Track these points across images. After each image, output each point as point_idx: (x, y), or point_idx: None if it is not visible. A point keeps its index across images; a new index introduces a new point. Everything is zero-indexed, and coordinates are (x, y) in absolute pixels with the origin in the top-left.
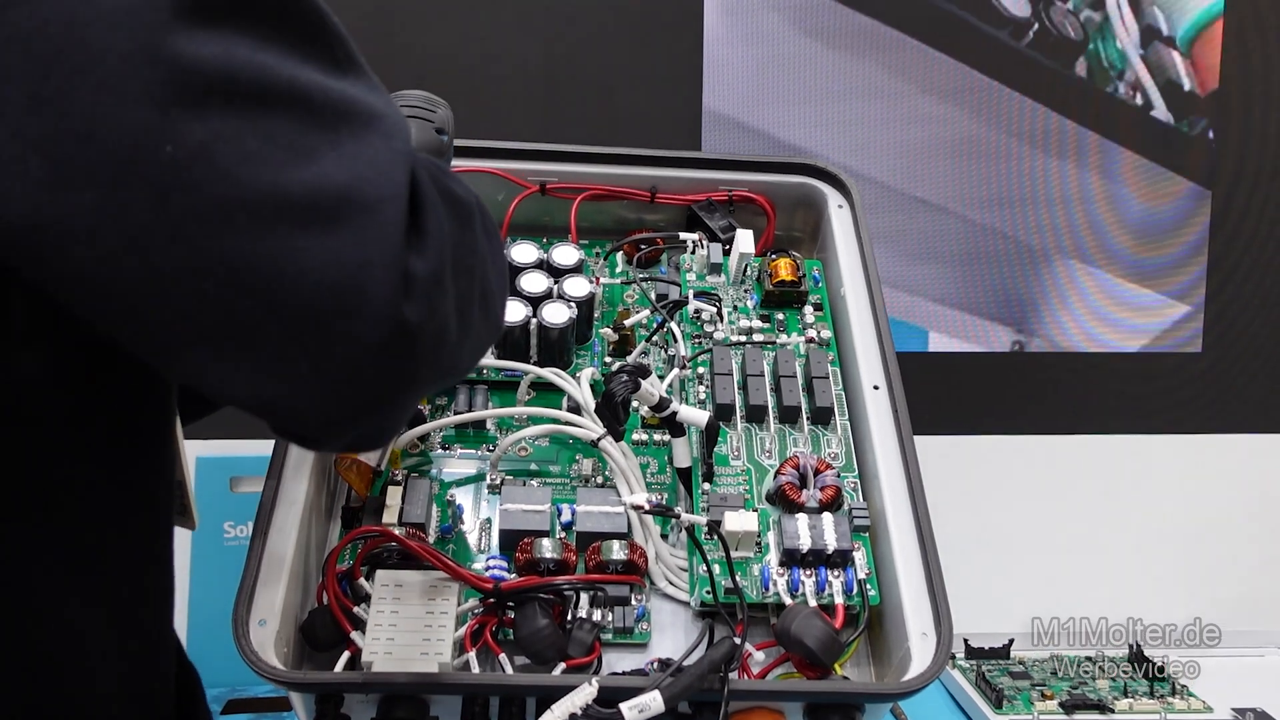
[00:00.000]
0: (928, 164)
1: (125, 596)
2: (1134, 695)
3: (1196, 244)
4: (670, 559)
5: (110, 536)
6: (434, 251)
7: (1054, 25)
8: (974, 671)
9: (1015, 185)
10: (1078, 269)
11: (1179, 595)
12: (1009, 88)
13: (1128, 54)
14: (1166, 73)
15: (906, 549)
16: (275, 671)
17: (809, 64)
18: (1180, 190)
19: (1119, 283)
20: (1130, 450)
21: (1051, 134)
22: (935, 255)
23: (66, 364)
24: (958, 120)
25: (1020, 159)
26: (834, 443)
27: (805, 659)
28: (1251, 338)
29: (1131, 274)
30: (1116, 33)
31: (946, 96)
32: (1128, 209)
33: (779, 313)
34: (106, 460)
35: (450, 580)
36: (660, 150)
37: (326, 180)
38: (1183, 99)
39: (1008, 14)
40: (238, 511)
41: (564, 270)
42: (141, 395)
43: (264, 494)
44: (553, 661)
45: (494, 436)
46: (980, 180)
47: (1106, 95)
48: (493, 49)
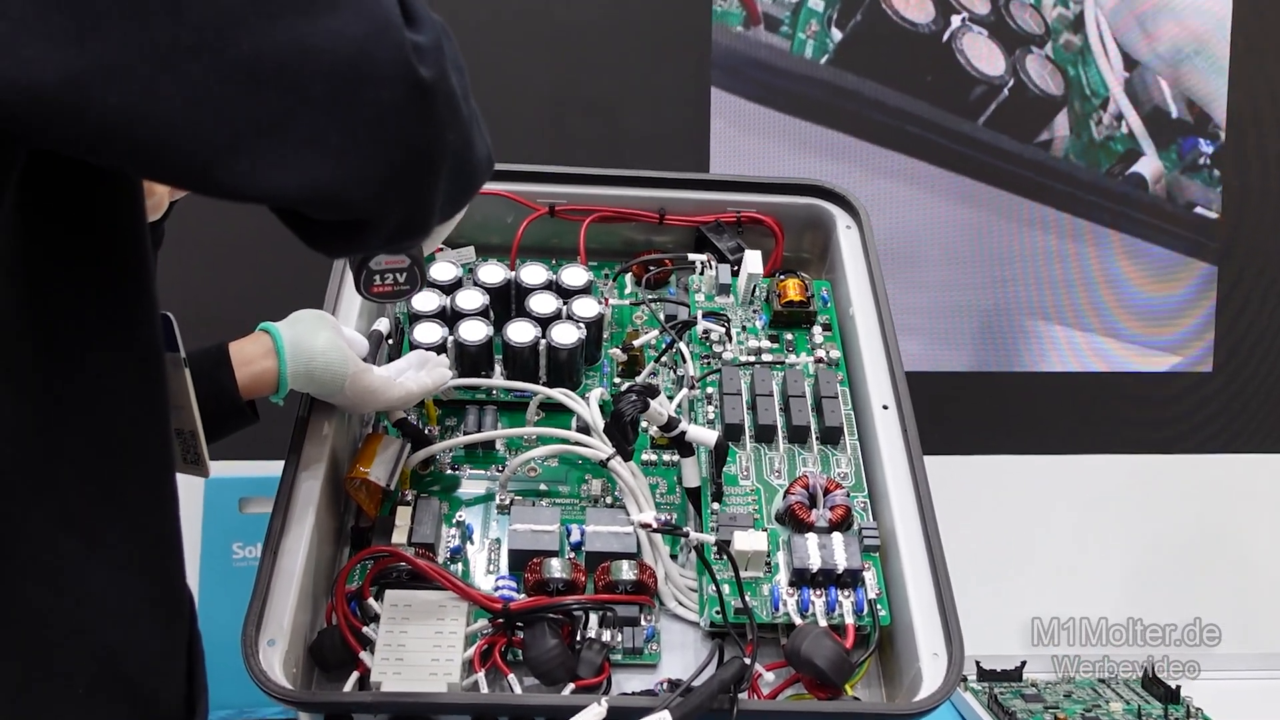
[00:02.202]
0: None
1: (126, 532)
2: (1148, 718)
3: (1205, 278)
4: (680, 579)
5: (112, 477)
6: (428, 29)
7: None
8: (986, 694)
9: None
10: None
11: (1191, 611)
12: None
13: (1109, 81)
14: (1152, 98)
15: (917, 568)
16: (284, 691)
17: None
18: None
19: (1131, 293)
20: (1140, 470)
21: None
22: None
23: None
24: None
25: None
26: (843, 462)
27: (816, 679)
28: (1262, 358)
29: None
30: (1098, 61)
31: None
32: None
33: (788, 333)
34: (96, 389)
35: (459, 600)
36: (668, 172)
37: None
38: (1170, 124)
39: (981, 75)
40: (246, 532)
41: (573, 291)
42: (123, 312)
43: (273, 514)
44: (562, 682)
45: (503, 457)
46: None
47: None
48: (501, 72)
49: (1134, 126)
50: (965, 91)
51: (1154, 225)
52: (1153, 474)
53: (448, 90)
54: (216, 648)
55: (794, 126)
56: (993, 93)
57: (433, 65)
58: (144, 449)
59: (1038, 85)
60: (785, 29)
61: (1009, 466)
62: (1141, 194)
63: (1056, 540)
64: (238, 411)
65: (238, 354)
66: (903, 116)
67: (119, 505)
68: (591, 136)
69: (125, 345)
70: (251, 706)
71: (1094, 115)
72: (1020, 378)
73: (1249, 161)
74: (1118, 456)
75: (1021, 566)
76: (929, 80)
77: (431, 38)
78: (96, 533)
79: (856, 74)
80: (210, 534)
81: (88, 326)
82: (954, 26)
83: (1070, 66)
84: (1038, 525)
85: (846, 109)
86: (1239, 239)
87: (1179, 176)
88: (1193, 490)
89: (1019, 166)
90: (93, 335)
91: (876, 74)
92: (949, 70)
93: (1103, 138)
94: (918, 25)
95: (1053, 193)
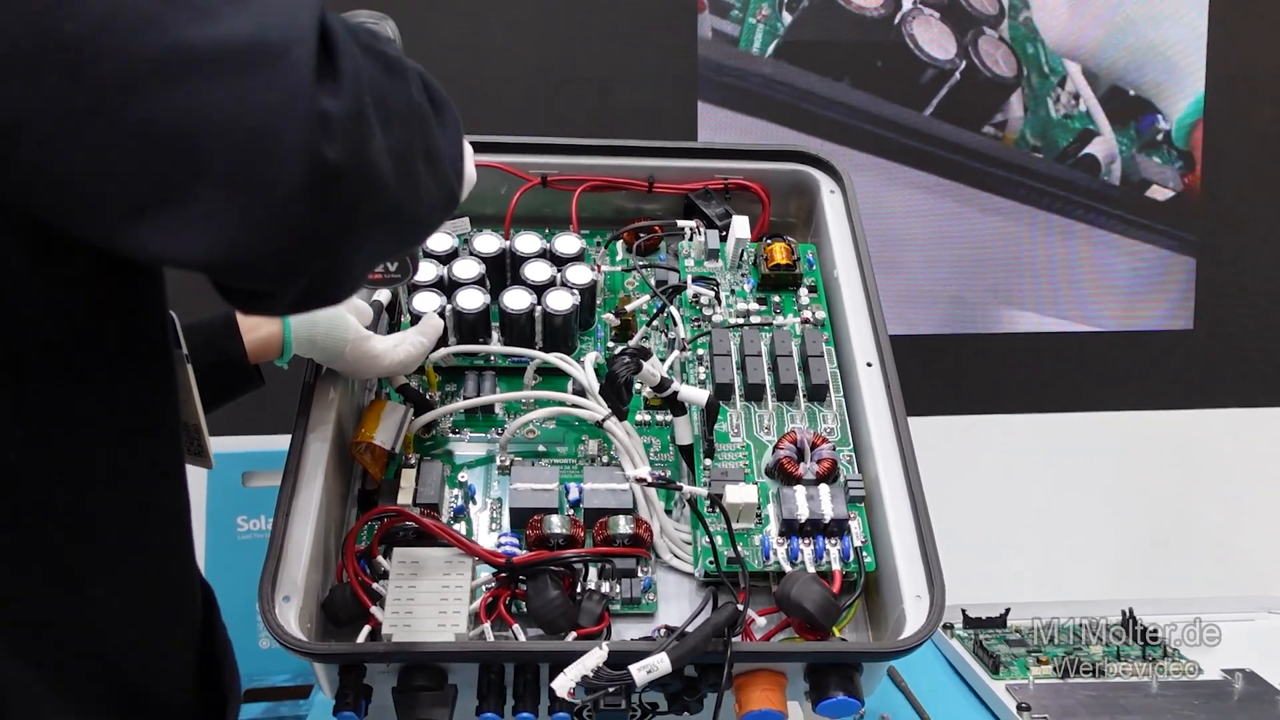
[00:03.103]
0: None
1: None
2: (1127, 659)
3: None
4: (674, 532)
5: (121, 456)
6: (349, 92)
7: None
8: (972, 640)
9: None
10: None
11: (1169, 564)
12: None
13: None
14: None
15: (900, 516)
16: (300, 644)
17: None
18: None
19: (1111, 256)
20: (1121, 426)
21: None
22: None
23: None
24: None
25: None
26: (829, 418)
27: (805, 623)
28: (1242, 313)
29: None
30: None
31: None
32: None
33: (775, 295)
34: (109, 380)
35: (465, 556)
36: (657, 141)
37: (231, 33)
38: (1129, 101)
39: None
40: (250, 506)
41: (566, 259)
42: (137, 320)
43: (284, 480)
44: (564, 631)
45: (502, 420)
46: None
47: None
48: (491, 45)
49: (1090, 105)
50: (915, 76)
51: (1114, 214)
52: (1134, 430)
53: (362, 168)
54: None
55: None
56: (943, 77)
57: (341, 142)
58: (156, 451)
59: (989, 68)
60: (735, 12)
61: (991, 426)
62: (1093, 180)
63: (1040, 496)
64: (247, 377)
65: (243, 321)
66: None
67: (132, 509)
68: (581, 109)
69: (142, 353)
70: (260, 675)
71: (1051, 93)
72: (1000, 339)
73: (1229, 123)
74: (1100, 414)
75: (1006, 521)
76: (879, 66)
77: (348, 105)
78: (108, 537)
79: (801, 67)
80: (214, 508)
81: (107, 337)
82: (905, 9)
83: (1028, 44)
84: (1021, 482)
85: (789, 103)
86: (1220, 196)
87: (1136, 155)
88: (1174, 445)
89: (970, 158)
90: (110, 344)
91: (822, 64)
92: (898, 56)
93: (1060, 115)
94: (866, 10)
95: (1009, 184)
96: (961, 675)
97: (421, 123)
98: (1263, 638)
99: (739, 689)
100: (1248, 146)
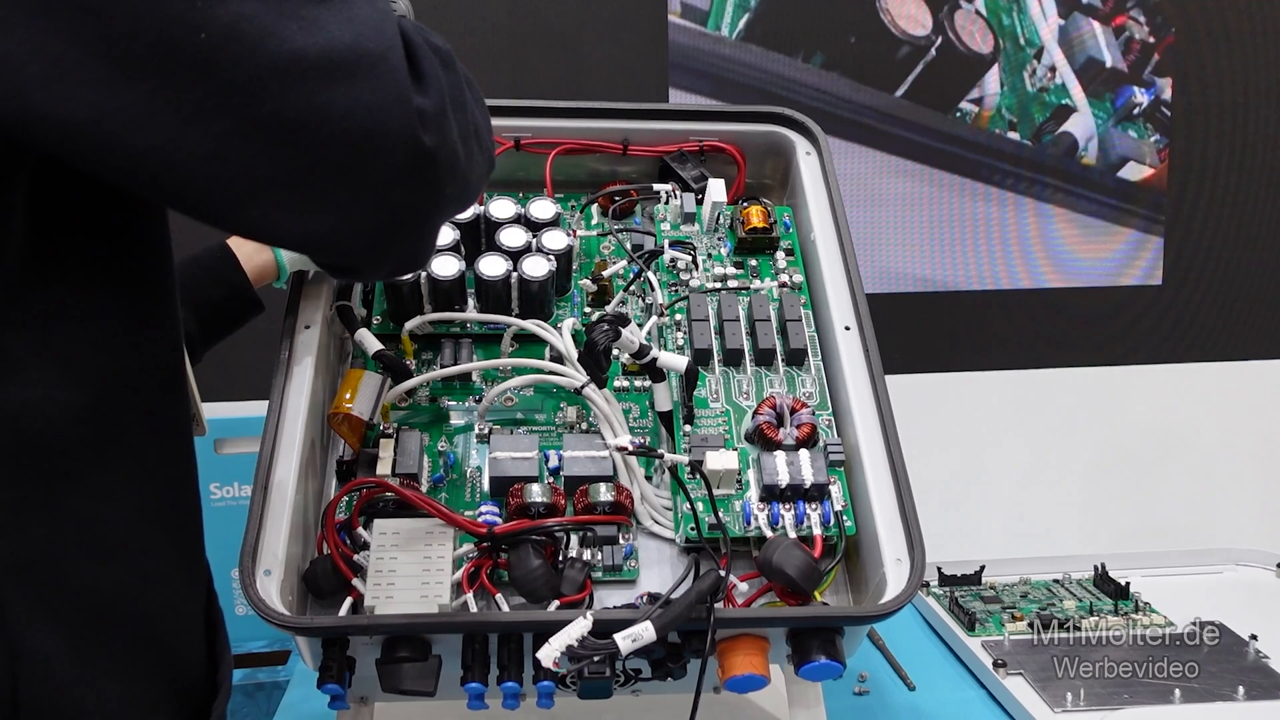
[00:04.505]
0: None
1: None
2: (1099, 613)
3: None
4: (655, 499)
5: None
6: (434, 91)
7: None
8: (947, 597)
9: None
10: (1041, 207)
11: (1141, 518)
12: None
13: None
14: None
15: (880, 480)
16: (283, 617)
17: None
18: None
19: (1082, 216)
20: (1094, 382)
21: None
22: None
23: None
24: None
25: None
26: (808, 382)
27: (787, 588)
28: (1212, 268)
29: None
30: (1030, 9)
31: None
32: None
33: (752, 259)
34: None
35: (445, 526)
36: (631, 103)
37: (335, 42)
38: (1105, 74)
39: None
40: (223, 473)
41: (541, 224)
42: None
43: (260, 451)
44: (547, 600)
45: (480, 388)
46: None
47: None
48: (456, 5)
49: (1066, 78)
50: (890, 54)
51: (1086, 196)
52: (1107, 385)
53: (449, 151)
54: None
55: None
56: (918, 53)
57: (435, 131)
58: (173, 422)
59: (965, 43)
60: None
61: (966, 383)
62: (1070, 162)
63: (1015, 451)
64: (252, 304)
65: (238, 250)
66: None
67: (154, 477)
68: (551, 66)
69: (157, 324)
70: (237, 641)
71: (1028, 66)
72: (974, 296)
73: (1200, 83)
74: (1073, 370)
75: (981, 477)
76: (852, 42)
77: (436, 100)
78: (137, 504)
79: (765, 48)
80: None
81: (134, 312)
82: None
83: (1005, 15)
84: (997, 438)
85: (762, 87)
86: (1190, 157)
87: (1112, 130)
88: (1145, 399)
89: (945, 143)
90: (133, 318)
91: (791, 45)
92: (873, 31)
93: (1036, 89)
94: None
95: (983, 167)
96: (938, 632)
97: (472, 105)
98: (1231, 590)
99: (722, 654)
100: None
